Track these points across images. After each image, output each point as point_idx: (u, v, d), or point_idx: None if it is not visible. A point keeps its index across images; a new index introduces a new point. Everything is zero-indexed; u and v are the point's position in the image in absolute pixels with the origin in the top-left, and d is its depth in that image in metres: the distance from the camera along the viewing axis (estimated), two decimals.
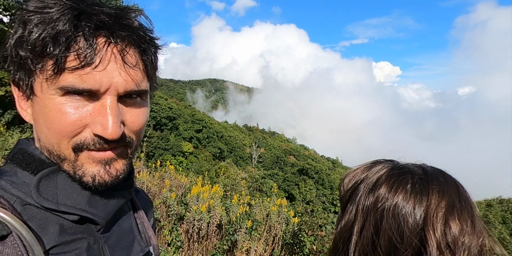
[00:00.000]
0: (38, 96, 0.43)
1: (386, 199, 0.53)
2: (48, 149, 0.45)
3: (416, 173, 0.56)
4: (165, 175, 5.41)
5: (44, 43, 0.39)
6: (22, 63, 0.41)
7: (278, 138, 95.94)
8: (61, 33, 0.39)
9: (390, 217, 0.51)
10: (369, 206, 0.54)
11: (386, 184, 0.55)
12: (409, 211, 0.50)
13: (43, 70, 0.41)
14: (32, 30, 0.40)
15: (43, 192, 0.44)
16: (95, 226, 0.49)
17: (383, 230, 0.51)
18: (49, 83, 0.41)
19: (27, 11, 0.41)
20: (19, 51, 0.41)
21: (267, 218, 4.47)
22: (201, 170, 27.17)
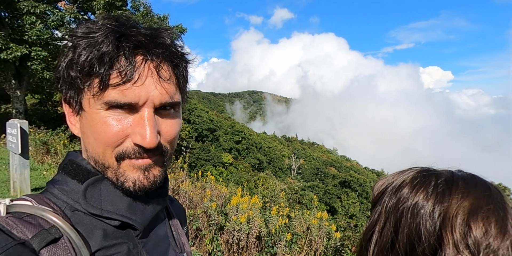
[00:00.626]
0: (86, 111, 0.48)
1: (407, 199, 0.54)
2: (95, 158, 0.50)
3: (442, 176, 0.56)
4: (206, 185, 5.60)
5: (91, 64, 0.45)
6: (73, 82, 0.47)
7: (318, 149, 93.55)
8: (105, 54, 0.45)
9: (409, 216, 0.52)
10: (391, 206, 0.55)
11: (409, 185, 0.56)
12: (428, 211, 0.51)
13: (90, 87, 0.46)
14: (80, 53, 0.46)
15: (89, 199, 0.49)
16: (134, 232, 0.53)
17: (402, 228, 0.52)
18: (95, 99, 0.46)
19: (76, 37, 0.47)
20: (70, 72, 0.47)
21: (307, 232, 4.35)
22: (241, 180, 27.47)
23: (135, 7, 10.69)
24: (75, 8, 10.41)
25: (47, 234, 0.43)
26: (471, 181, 0.54)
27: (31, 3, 9.25)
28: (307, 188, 33.69)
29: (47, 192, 0.51)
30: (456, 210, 0.49)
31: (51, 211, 0.46)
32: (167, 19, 10.56)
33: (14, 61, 9.88)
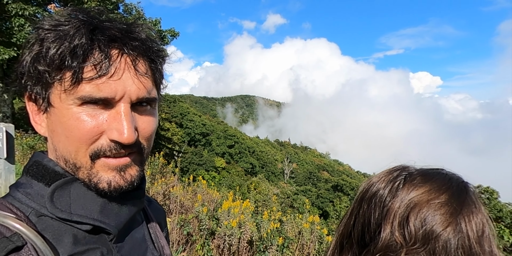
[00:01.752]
0: (56, 107, 0.45)
1: (368, 191, 0.57)
2: (65, 158, 0.47)
3: (407, 170, 0.57)
4: (197, 189, 5.55)
5: (62, 57, 0.42)
6: (40, 77, 0.44)
7: (311, 153, 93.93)
8: (78, 47, 0.42)
9: (366, 206, 0.55)
10: (357, 197, 0.58)
11: (377, 180, 0.58)
12: (379, 201, 0.53)
13: (62, 82, 0.43)
14: (49, 46, 0.43)
15: (56, 202, 0.46)
16: (108, 236, 0.50)
17: (359, 217, 0.55)
18: (67, 94, 0.44)
19: (42, 30, 0.45)
20: (38, 66, 0.44)
21: (299, 236, 4.34)
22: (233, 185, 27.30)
23: (127, 10, 10.64)
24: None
25: (7, 243, 0.40)
26: (429, 176, 0.55)
27: (20, 5, 9.13)
28: (300, 192, 33.67)
29: (10, 197, 0.48)
30: (400, 202, 0.51)
31: (13, 217, 0.43)
32: (159, 23, 10.52)
33: (1, 64, 9.69)
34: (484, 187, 18.56)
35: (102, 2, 9.75)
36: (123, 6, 10.67)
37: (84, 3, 9.77)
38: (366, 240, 0.53)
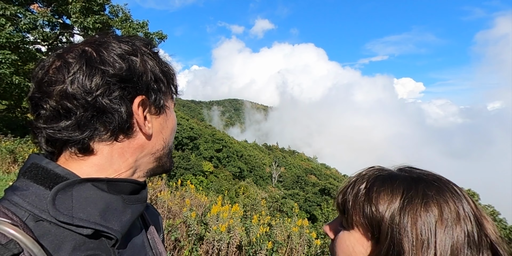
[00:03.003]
0: (170, 110, 0.62)
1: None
2: (170, 147, 0.62)
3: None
4: (185, 194, 5.46)
5: (173, 75, 0.61)
6: (162, 86, 0.58)
7: (298, 157, 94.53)
8: (174, 70, 0.62)
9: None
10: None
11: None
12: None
13: (170, 92, 0.61)
14: (167, 66, 0.60)
15: (58, 205, 0.45)
16: (109, 241, 0.49)
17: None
18: (172, 101, 0.62)
19: (152, 53, 0.58)
20: (164, 78, 0.58)
21: (288, 240, 4.33)
22: (221, 189, 27.06)
23: (114, 12, 10.44)
24: (49, 11, 10.04)
25: (3, 250, 0.39)
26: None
27: (1, 5, 8.83)
28: (288, 196, 33.72)
29: (5, 201, 0.46)
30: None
31: (9, 223, 0.42)
32: (146, 25, 10.37)
33: None
34: (465, 189, 19.19)
35: (87, 3, 9.57)
36: (109, 7, 10.49)
37: (69, 4, 9.56)
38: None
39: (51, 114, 0.49)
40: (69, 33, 10.85)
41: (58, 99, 0.48)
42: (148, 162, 0.58)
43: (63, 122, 0.49)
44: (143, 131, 0.55)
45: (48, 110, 0.49)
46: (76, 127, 0.49)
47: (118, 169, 0.54)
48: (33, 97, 0.50)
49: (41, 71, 0.51)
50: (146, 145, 0.56)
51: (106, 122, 0.50)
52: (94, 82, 0.48)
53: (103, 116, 0.50)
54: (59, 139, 0.50)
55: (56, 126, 0.49)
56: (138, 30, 10.08)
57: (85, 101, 0.48)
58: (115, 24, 10.17)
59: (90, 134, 0.50)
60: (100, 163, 0.52)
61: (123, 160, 0.54)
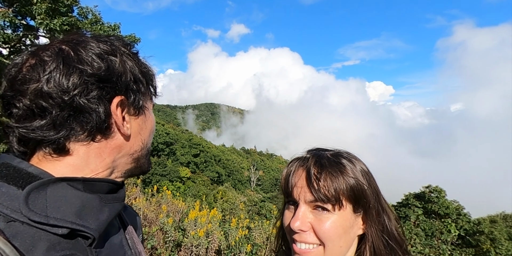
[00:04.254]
0: (149, 110, 0.62)
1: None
2: (148, 147, 0.62)
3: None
4: (162, 200, 5.33)
5: (153, 76, 0.62)
6: (142, 87, 0.58)
7: (276, 160, 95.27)
8: (152, 71, 0.62)
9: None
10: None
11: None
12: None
13: (149, 92, 0.62)
14: (146, 66, 0.60)
15: (31, 205, 0.43)
16: (85, 241, 0.48)
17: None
18: (151, 101, 0.63)
19: (132, 53, 0.59)
20: (143, 79, 0.58)
21: (267, 242, 4.36)
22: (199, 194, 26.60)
23: (82, 14, 10.03)
24: (11, 12, 9.46)
25: None
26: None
27: None
28: (267, 199, 33.80)
29: None
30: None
31: None
32: (118, 28, 10.05)
33: None
34: (433, 186, 20.28)
35: (54, 4, 9.11)
36: (78, 9, 10.06)
37: (34, 5, 9.07)
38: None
39: (24, 113, 0.48)
40: (33, 35, 10.27)
41: (32, 98, 0.47)
42: (126, 163, 0.58)
43: (37, 121, 0.47)
44: (121, 132, 0.54)
45: (21, 109, 0.47)
46: (51, 127, 0.48)
47: (95, 169, 0.52)
48: (4, 95, 0.49)
49: (14, 69, 0.49)
50: (124, 145, 0.56)
51: (83, 122, 0.49)
52: (71, 81, 0.47)
53: (80, 115, 0.49)
54: (32, 139, 0.48)
55: (29, 125, 0.47)
56: (109, 33, 9.76)
57: (61, 100, 0.47)
58: (84, 26, 9.75)
59: (66, 134, 0.49)
60: (76, 163, 0.51)
61: (100, 160, 0.53)
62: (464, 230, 17.40)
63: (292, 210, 0.67)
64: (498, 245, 15.58)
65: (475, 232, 17.20)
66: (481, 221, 18.22)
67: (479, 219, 18.85)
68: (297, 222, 0.63)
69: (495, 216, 20.48)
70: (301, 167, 0.67)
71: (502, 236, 16.32)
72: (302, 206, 0.64)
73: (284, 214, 0.70)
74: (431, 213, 18.00)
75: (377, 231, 0.65)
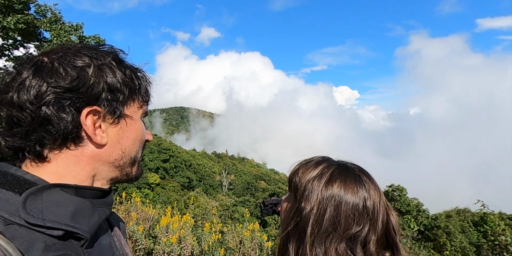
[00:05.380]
0: (134, 119, 0.62)
1: (340, 193, 0.72)
2: (130, 156, 0.62)
3: (353, 170, 0.77)
4: (131, 208, 5.14)
5: (140, 84, 0.63)
6: (120, 96, 0.58)
7: (248, 164, 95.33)
8: (144, 78, 0.64)
9: (344, 206, 0.71)
10: (327, 197, 0.72)
11: (339, 181, 0.74)
12: (357, 203, 0.71)
13: (134, 101, 0.62)
14: (130, 74, 0.61)
15: (29, 209, 0.46)
16: (78, 243, 0.51)
17: (341, 215, 0.70)
18: (138, 110, 0.63)
19: (116, 62, 0.59)
20: (122, 88, 0.58)
21: (241, 245, 4.39)
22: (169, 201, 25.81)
23: (41, 12, 9.37)
24: None
25: None
26: (371, 178, 0.77)
27: None
28: (239, 203, 33.68)
29: None
30: (374, 200, 0.73)
31: None
32: (81, 28, 9.49)
33: None
34: (395, 185, 21.54)
35: (7, 1, 8.44)
36: (35, 7, 9.40)
37: None
38: (352, 231, 0.70)
39: (6, 122, 0.51)
40: None
41: (7, 108, 0.50)
42: (109, 171, 0.60)
43: (14, 130, 0.51)
44: (94, 141, 0.56)
45: (3, 118, 0.51)
46: (24, 135, 0.51)
47: (77, 176, 0.55)
48: None
49: (1, 79, 0.53)
50: (102, 154, 0.57)
51: (52, 131, 0.51)
52: (39, 91, 0.50)
53: (48, 125, 0.51)
54: (15, 146, 0.52)
55: (8, 133, 0.51)
56: (71, 33, 9.19)
57: (30, 110, 0.49)
58: (42, 25, 9.11)
59: (37, 142, 0.51)
60: (58, 171, 0.54)
61: (80, 168, 0.55)
62: (423, 225, 18.68)
63: None
64: (453, 238, 16.91)
65: (433, 227, 18.54)
66: (438, 216, 19.68)
67: (436, 215, 20.32)
68: None
69: (450, 211, 22.19)
70: None
71: (456, 230, 17.75)
72: None
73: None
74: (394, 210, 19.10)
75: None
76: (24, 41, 9.75)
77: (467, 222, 20.03)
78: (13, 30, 8.39)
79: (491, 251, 5.10)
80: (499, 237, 4.51)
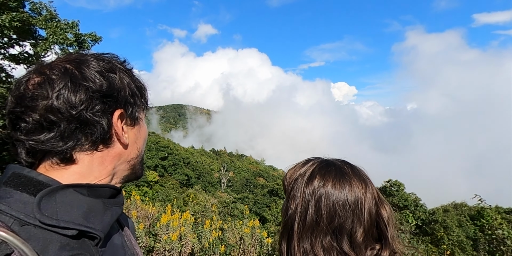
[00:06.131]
0: (143, 122, 0.67)
1: (320, 187, 0.74)
2: (142, 155, 0.68)
3: (336, 166, 0.78)
4: (130, 206, 5.15)
5: (145, 90, 0.68)
6: (137, 101, 0.64)
7: (247, 161, 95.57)
8: (145, 85, 0.69)
9: (324, 200, 0.72)
10: (309, 193, 0.74)
11: (319, 176, 0.75)
12: (338, 196, 0.72)
13: (143, 105, 0.67)
14: (140, 81, 0.66)
15: (44, 210, 0.48)
16: (91, 242, 0.52)
17: (322, 209, 0.71)
18: (143, 113, 0.69)
19: (127, 69, 0.64)
20: (139, 93, 0.64)
21: (241, 242, 4.42)
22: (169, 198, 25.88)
23: (36, 9, 9.25)
24: None
25: None
26: (355, 171, 0.78)
27: None
28: (238, 200, 33.83)
29: None
30: (357, 192, 0.73)
31: None
32: (77, 26, 9.38)
33: None
34: (393, 181, 21.70)
35: None
36: (30, 4, 9.28)
37: None
38: (335, 224, 0.71)
39: (33, 127, 0.52)
40: None
41: (42, 113, 0.51)
42: (124, 170, 0.64)
43: (45, 134, 0.52)
44: (121, 141, 0.60)
45: (30, 123, 0.52)
46: (59, 139, 0.52)
47: (99, 176, 0.58)
48: (13, 111, 0.53)
49: (22, 86, 0.54)
50: (123, 153, 0.62)
51: (89, 133, 0.54)
52: (78, 97, 0.53)
53: (86, 128, 0.54)
54: (40, 150, 0.53)
55: (38, 138, 0.52)
56: (67, 31, 9.08)
57: (69, 115, 0.52)
58: (38, 23, 9.00)
59: (73, 144, 0.53)
60: (81, 171, 0.56)
61: (103, 167, 0.58)
62: (421, 220, 18.88)
63: None
64: (450, 232, 17.12)
65: (431, 221, 18.75)
66: (435, 211, 19.88)
67: (434, 209, 20.54)
68: None
69: (447, 206, 22.43)
70: None
71: (453, 224, 17.96)
72: None
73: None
74: (392, 205, 19.21)
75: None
76: (20, 39, 9.63)
77: (464, 216, 20.26)
78: (8, 28, 8.28)
79: (488, 245, 5.17)
80: (496, 231, 4.57)
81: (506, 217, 15.16)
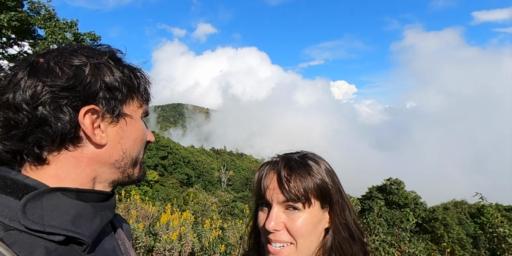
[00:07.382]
0: (134, 118, 0.60)
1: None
2: (131, 156, 0.60)
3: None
4: (130, 206, 5.14)
5: (139, 83, 0.62)
6: (120, 95, 0.57)
7: (247, 159, 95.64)
8: (145, 78, 0.63)
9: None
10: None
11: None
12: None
13: (134, 100, 0.61)
14: (129, 74, 0.60)
15: (29, 214, 0.45)
16: (79, 247, 0.49)
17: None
18: (138, 109, 0.62)
19: (116, 61, 0.59)
20: (122, 87, 0.57)
21: (241, 241, 4.41)
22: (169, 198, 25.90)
23: (34, 9, 9.20)
24: None
25: None
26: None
27: None
28: (238, 199, 33.86)
29: None
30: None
31: None
32: (76, 25, 9.34)
33: None
34: (393, 179, 21.70)
35: None
36: (28, 4, 9.23)
37: None
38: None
39: (4, 125, 0.50)
40: None
41: (4, 110, 0.49)
42: (110, 173, 0.58)
43: (12, 132, 0.50)
44: (93, 141, 0.54)
45: (1, 121, 0.50)
46: (21, 138, 0.50)
47: (77, 179, 0.53)
48: None
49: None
50: (102, 155, 0.56)
51: (49, 131, 0.50)
52: (34, 91, 0.48)
53: (45, 126, 0.49)
54: (13, 150, 0.51)
55: (6, 136, 0.50)
56: (66, 30, 9.05)
57: (26, 111, 0.48)
58: (36, 23, 8.97)
59: (35, 144, 0.50)
60: (57, 173, 0.52)
61: (80, 170, 0.54)
62: (421, 218, 18.90)
63: (265, 211, 0.71)
64: (450, 229, 17.14)
65: (431, 219, 18.77)
66: (435, 209, 19.90)
67: (434, 207, 20.54)
68: (271, 223, 0.67)
69: (447, 204, 22.44)
70: (272, 170, 0.72)
71: (453, 222, 17.98)
72: (275, 207, 0.69)
73: (258, 216, 0.74)
74: (392, 203, 19.25)
75: (340, 223, 0.72)
76: (18, 38, 9.61)
77: (464, 214, 20.28)
78: (6, 27, 8.25)
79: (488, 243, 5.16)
80: (497, 229, 4.57)
81: (506, 215, 15.18)
